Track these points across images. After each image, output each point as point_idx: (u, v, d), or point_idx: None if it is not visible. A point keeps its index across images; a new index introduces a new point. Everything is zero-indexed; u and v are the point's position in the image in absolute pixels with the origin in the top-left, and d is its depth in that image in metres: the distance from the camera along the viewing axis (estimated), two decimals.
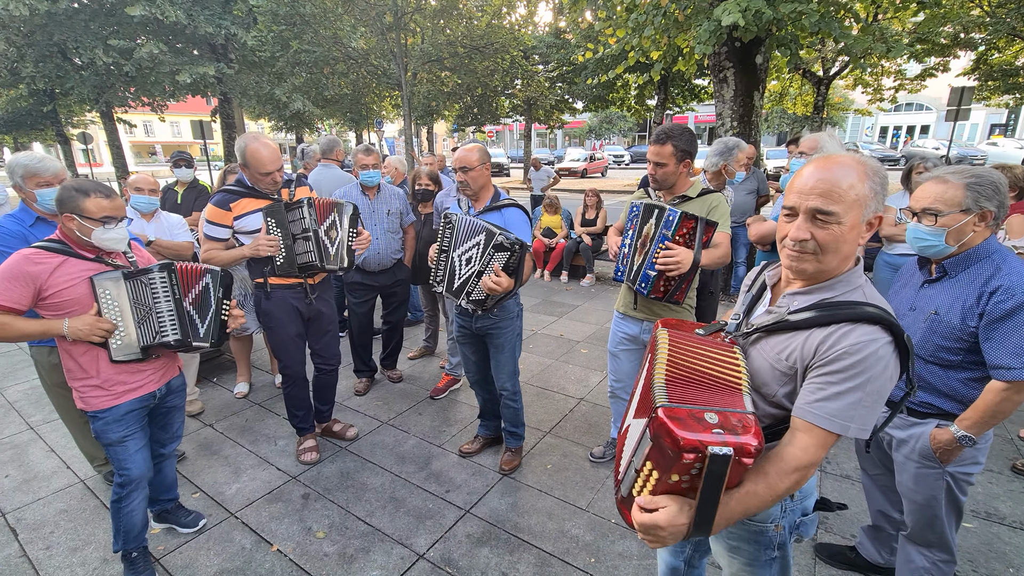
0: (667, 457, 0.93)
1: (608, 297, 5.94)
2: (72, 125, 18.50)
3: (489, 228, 2.23)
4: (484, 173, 2.49)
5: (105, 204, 1.81)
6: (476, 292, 2.31)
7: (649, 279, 2.10)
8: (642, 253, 2.19)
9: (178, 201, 4.39)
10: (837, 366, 1.00)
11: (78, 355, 1.89)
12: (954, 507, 1.69)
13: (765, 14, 4.53)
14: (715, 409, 0.95)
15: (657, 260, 2.04)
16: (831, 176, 1.02)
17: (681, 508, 0.95)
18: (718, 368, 1.07)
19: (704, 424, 0.91)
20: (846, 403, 0.99)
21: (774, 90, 16.52)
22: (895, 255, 3.26)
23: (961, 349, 1.55)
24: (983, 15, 11.44)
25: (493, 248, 2.21)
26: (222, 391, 3.79)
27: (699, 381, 1.04)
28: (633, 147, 34.58)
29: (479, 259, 2.27)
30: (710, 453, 0.88)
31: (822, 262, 1.06)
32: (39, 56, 11.78)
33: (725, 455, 0.88)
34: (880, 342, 0.99)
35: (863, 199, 1.02)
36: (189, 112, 27.50)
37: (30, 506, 2.58)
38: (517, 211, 2.54)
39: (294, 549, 2.27)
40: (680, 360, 1.08)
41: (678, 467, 0.91)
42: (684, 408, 0.94)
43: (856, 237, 1.05)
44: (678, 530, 0.95)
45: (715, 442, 0.88)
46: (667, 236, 2.04)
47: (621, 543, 2.27)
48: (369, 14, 11.62)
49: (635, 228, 2.24)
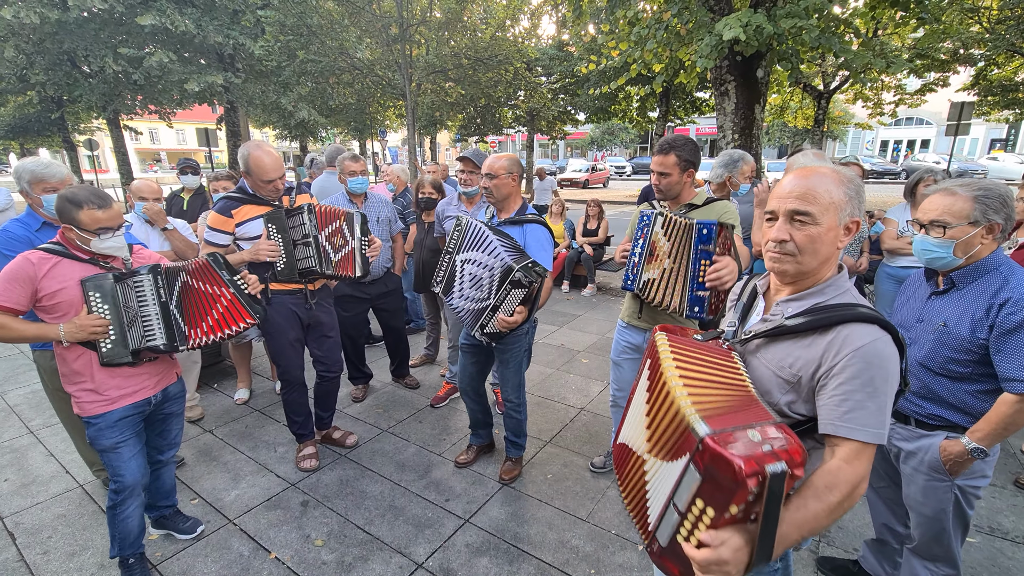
0: (724, 490, 0.85)
1: (609, 307, 5.95)
2: (79, 132, 18.69)
3: (507, 264, 2.16)
4: (509, 183, 2.45)
5: (99, 215, 1.81)
6: (490, 327, 2.29)
7: (704, 301, 1.98)
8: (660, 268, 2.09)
9: (184, 207, 4.43)
10: (850, 372, 1.01)
11: (71, 360, 1.90)
12: (961, 521, 1.67)
13: (766, 29, 4.59)
14: (752, 426, 0.89)
15: (706, 279, 1.93)
16: (807, 182, 1.10)
17: (743, 538, 0.89)
18: (725, 374, 1.06)
19: (751, 444, 0.85)
20: (871, 409, 1.00)
21: (775, 103, 16.64)
22: (897, 267, 3.26)
23: (971, 361, 1.55)
24: (982, 31, 11.56)
25: (510, 284, 2.16)
26: (222, 397, 3.79)
27: (719, 394, 0.99)
28: (635, 158, 34.80)
29: (494, 293, 2.24)
30: (769, 473, 0.82)
31: (801, 263, 1.11)
32: (49, 64, 11.93)
33: (783, 472, 0.83)
34: (883, 340, 1.02)
35: (839, 203, 1.09)
36: (194, 120, 27.74)
37: (28, 510, 2.57)
38: (540, 229, 2.48)
39: (292, 557, 2.26)
40: (691, 371, 1.03)
41: (739, 496, 0.83)
42: (728, 432, 0.87)
43: (834, 240, 1.10)
44: (741, 561, 0.90)
45: (771, 460, 0.82)
46: (709, 252, 1.94)
47: (621, 554, 2.25)
48: (375, 26, 11.76)
49: (645, 237, 2.22)
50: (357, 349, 3.73)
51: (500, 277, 2.20)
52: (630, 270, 2.29)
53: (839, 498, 0.98)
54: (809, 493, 0.99)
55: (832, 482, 0.99)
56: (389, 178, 4.76)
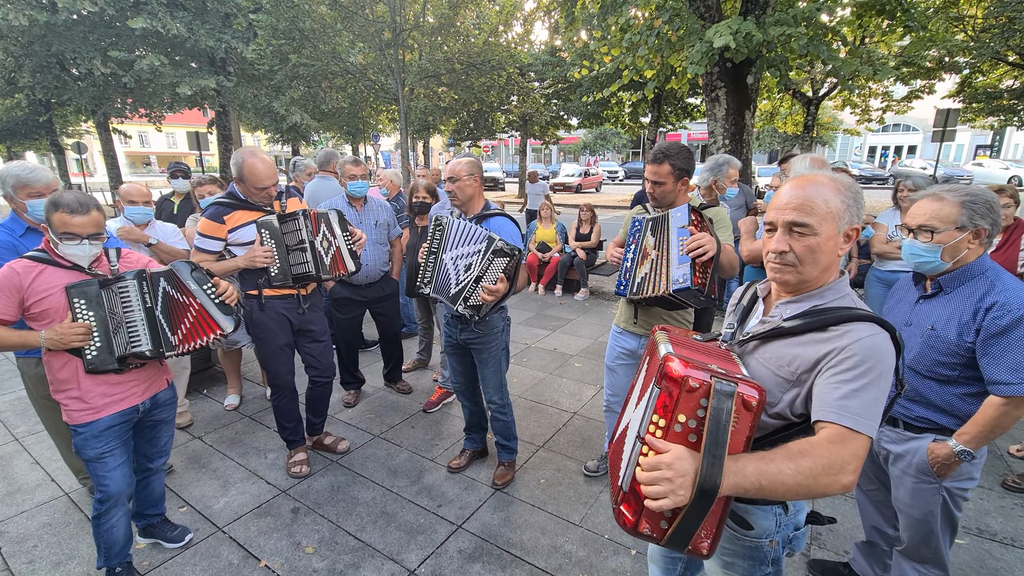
0: (673, 398, 0.95)
1: (602, 311, 5.96)
2: (67, 135, 18.50)
3: (490, 234, 2.27)
4: (472, 184, 2.50)
5: (68, 219, 1.77)
6: (473, 298, 2.33)
7: (687, 271, 1.99)
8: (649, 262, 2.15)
9: (174, 211, 4.39)
10: (848, 363, 1.02)
11: (57, 368, 1.87)
12: (949, 523, 1.69)
13: (755, 37, 4.65)
14: (719, 368, 1.00)
15: (685, 248, 1.98)
16: (804, 192, 1.10)
17: (688, 452, 0.94)
18: (718, 361, 1.10)
19: (709, 370, 0.97)
20: (865, 400, 1.00)
21: (765, 109, 16.85)
22: (886, 271, 3.30)
23: (958, 364, 1.57)
24: (967, 39, 11.78)
25: (492, 254, 2.24)
26: (212, 403, 3.75)
27: (702, 353, 1.11)
28: (627, 163, 35.02)
29: (478, 264, 2.29)
30: (716, 386, 0.93)
31: (802, 273, 1.13)
32: (37, 66, 11.83)
33: (730, 390, 0.93)
34: (882, 336, 1.04)
35: (836, 212, 1.09)
36: (185, 123, 27.54)
37: (13, 519, 2.52)
38: (504, 220, 2.56)
39: (282, 565, 2.23)
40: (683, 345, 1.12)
41: (684, 405, 0.94)
42: (691, 361, 0.99)
43: (834, 248, 1.11)
44: (684, 473, 0.92)
45: (721, 379, 0.94)
46: (684, 229, 2.00)
47: (615, 559, 2.25)
48: (368, 30, 11.77)
49: (637, 243, 2.25)
50: (352, 353, 3.71)
51: (485, 249, 2.27)
52: (623, 276, 2.31)
53: (809, 465, 0.95)
54: (781, 451, 0.99)
55: (806, 449, 0.98)
56: (382, 182, 4.75)
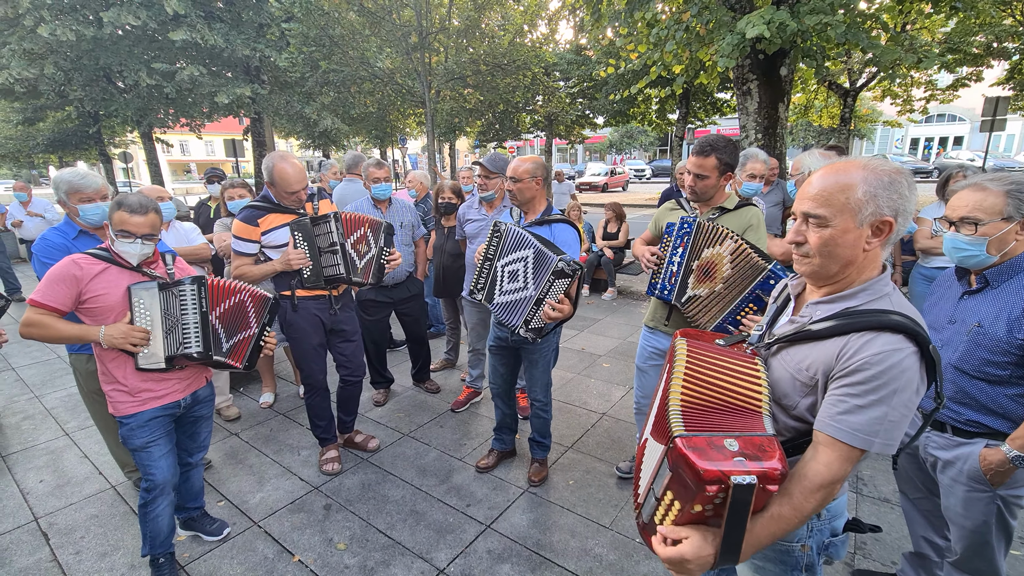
0: (688, 489, 0.90)
1: (630, 311, 5.88)
2: (114, 145, 19.44)
3: (554, 256, 2.11)
4: (533, 186, 2.46)
5: (127, 218, 1.87)
6: (536, 321, 2.21)
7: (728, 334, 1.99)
8: (708, 287, 2.03)
9: (211, 215, 4.55)
10: (859, 377, 0.97)
11: (107, 360, 1.96)
12: (1004, 532, 1.59)
13: (790, 26, 4.49)
14: (735, 434, 0.91)
15: (743, 322, 1.92)
16: (825, 182, 1.05)
17: (706, 538, 0.93)
18: (737, 383, 1.04)
19: (724, 452, 0.88)
20: (870, 417, 0.96)
21: (799, 102, 16.27)
22: (932, 268, 3.15)
23: (1009, 363, 1.47)
24: (1016, 24, 11.12)
25: (553, 275, 2.09)
26: (248, 400, 3.86)
27: (716, 400, 1.01)
28: (654, 161, 34.50)
29: (535, 285, 2.17)
30: (733, 483, 0.85)
31: (817, 265, 1.07)
32: (86, 80, 12.47)
33: (749, 484, 0.85)
34: (904, 352, 0.96)
35: (856, 203, 1.01)
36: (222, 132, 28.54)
37: (62, 511, 2.65)
38: (567, 227, 2.47)
39: (315, 560, 2.27)
40: (697, 375, 1.05)
41: (701, 498, 0.88)
42: (702, 436, 0.91)
43: (855, 242, 1.03)
44: (704, 561, 0.93)
45: (738, 471, 0.85)
46: (762, 300, 1.89)
47: (646, 564, 2.21)
48: (395, 35, 11.94)
49: (685, 247, 2.09)
50: (380, 353, 3.76)
51: (537, 266, 2.16)
52: (666, 279, 2.16)
53: (812, 504, 0.98)
54: (783, 496, 0.98)
55: (806, 486, 0.98)
56: (412, 184, 4.81)
